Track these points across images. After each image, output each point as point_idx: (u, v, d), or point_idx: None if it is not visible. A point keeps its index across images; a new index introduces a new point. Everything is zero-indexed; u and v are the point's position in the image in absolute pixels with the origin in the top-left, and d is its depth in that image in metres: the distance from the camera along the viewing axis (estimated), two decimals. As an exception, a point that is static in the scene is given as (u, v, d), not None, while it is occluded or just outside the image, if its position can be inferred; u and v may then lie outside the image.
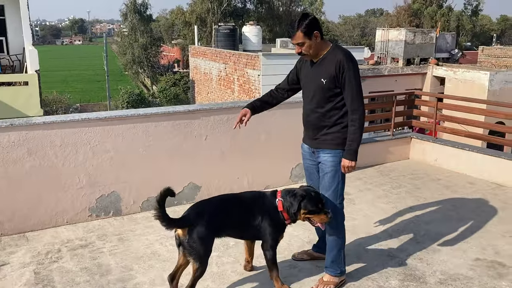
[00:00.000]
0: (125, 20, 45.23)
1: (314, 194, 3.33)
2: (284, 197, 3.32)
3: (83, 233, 4.50)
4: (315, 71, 3.42)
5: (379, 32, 23.29)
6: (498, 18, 74.58)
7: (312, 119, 3.51)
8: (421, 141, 6.94)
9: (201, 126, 5.16)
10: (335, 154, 3.44)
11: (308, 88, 3.53)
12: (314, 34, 3.27)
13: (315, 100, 3.45)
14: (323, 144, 3.48)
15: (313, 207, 3.27)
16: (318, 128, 3.48)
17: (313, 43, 3.30)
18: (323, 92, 3.38)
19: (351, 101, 3.33)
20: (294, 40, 3.33)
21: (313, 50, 3.34)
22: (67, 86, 50.97)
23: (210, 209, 3.21)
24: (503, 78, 18.99)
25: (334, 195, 3.48)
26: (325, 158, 3.47)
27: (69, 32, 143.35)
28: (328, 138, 3.45)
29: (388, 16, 58.95)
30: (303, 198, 3.26)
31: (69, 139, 4.51)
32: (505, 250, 4.26)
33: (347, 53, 3.35)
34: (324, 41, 3.38)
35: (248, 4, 45.16)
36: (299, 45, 3.32)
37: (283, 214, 3.31)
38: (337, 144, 3.42)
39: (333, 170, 3.45)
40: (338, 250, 3.56)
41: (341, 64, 3.28)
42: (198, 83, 20.95)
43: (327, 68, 3.33)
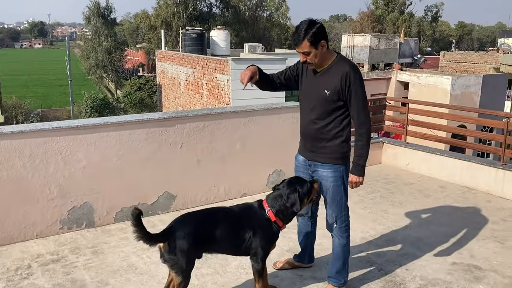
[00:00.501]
0: (88, 23, 44.27)
1: (294, 180, 3.27)
2: (273, 204, 3.20)
3: (55, 247, 4.31)
4: (318, 82, 3.29)
5: (344, 37, 23.73)
6: (456, 25, 77.31)
7: (311, 130, 3.37)
8: (393, 145, 7.04)
9: (177, 133, 5.06)
10: (335, 169, 3.34)
11: (309, 98, 3.38)
12: (320, 44, 3.14)
13: (316, 111, 3.31)
14: (320, 157, 3.37)
15: (307, 189, 3.21)
16: (316, 140, 3.36)
17: (319, 53, 3.16)
18: (325, 104, 3.25)
19: (358, 115, 3.23)
20: (299, 48, 3.17)
21: (318, 60, 3.20)
22: (27, 90, 49.39)
23: (193, 221, 3.09)
24: (464, 83, 19.65)
25: (338, 209, 3.42)
26: (325, 173, 3.37)
27: (28, 35, 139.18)
28: (327, 152, 3.34)
29: (351, 22, 60.12)
30: (296, 191, 3.16)
31: (39, 149, 4.32)
32: (480, 253, 4.35)
33: (353, 65, 3.25)
34: (330, 51, 3.25)
35: (214, 9, 45.09)
36: (304, 54, 3.18)
37: (277, 222, 3.21)
38: (336, 159, 3.33)
39: (335, 186, 3.36)
40: (343, 261, 3.54)
41: (348, 77, 3.16)
42: (166, 87, 20.69)
43: (332, 80, 3.21)
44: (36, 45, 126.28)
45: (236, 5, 45.70)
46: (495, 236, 4.71)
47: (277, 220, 3.20)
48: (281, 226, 3.25)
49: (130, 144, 4.78)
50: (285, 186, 3.23)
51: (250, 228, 3.14)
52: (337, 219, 3.45)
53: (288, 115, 5.71)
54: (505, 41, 29.17)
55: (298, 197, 3.16)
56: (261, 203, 3.26)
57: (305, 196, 3.21)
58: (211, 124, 5.26)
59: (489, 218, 5.17)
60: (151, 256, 4.17)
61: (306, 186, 3.22)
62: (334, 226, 3.48)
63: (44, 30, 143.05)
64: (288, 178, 3.33)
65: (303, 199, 3.21)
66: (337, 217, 3.45)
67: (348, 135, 3.37)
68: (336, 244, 3.54)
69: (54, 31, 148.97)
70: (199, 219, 3.12)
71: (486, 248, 4.46)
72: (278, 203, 3.20)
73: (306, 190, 3.21)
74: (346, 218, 3.49)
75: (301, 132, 3.51)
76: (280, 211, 3.19)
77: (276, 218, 3.19)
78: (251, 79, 3.32)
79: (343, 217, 3.46)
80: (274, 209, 3.19)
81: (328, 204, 3.44)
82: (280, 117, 5.71)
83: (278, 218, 3.20)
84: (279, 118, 5.71)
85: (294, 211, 3.21)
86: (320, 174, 3.40)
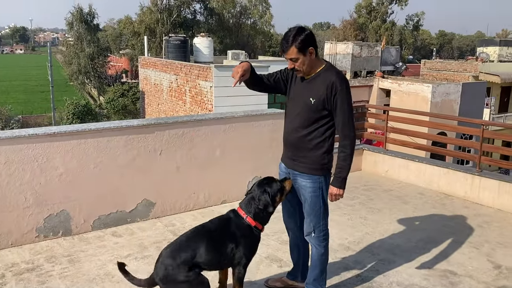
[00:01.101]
0: (71, 29, 43.83)
1: (264, 181, 3.24)
2: (249, 210, 3.17)
3: (30, 256, 4.24)
4: (304, 89, 3.24)
5: (327, 45, 23.95)
6: (437, 33, 78.65)
7: (293, 138, 3.32)
8: (373, 152, 7.12)
9: (156, 140, 5.04)
10: (314, 180, 3.29)
11: (293, 105, 3.33)
12: (308, 50, 3.10)
13: (299, 119, 3.26)
14: (300, 167, 3.32)
15: (277, 188, 3.19)
16: (297, 149, 3.31)
17: (307, 60, 3.12)
18: (309, 112, 3.20)
19: (343, 126, 3.17)
20: (287, 55, 3.11)
21: (306, 67, 3.16)
22: (8, 96, 48.66)
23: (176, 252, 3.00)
24: (444, 90, 19.97)
25: (316, 219, 3.37)
26: (304, 183, 3.32)
27: (9, 40, 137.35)
28: (307, 162, 3.28)
29: (334, 30, 60.71)
30: (266, 192, 3.14)
31: (14, 156, 4.25)
32: (455, 259, 4.41)
33: (340, 74, 3.19)
34: (319, 59, 3.21)
35: (199, 16, 45.12)
36: (292, 61, 3.13)
37: (257, 226, 3.19)
38: (315, 169, 3.27)
39: (313, 196, 3.32)
40: (320, 269, 3.50)
41: (334, 86, 3.11)
42: (148, 94, 20.59)
43: (318, 88, 3.16)
44: (18, 50, 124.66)
45: (220, 12, 45.84)
46: (470, 242, 4.78)
47: (256, 224, 3.18)
48: (261, 229, 3.24)
49: (108, 151, 4.74)
50: (256, 189, 3.21)
51: (232, 241, 3.10)
52: (315, 228, 3.40)
53: (268, 122, 5.73)
54: (484, 50, 29.77)
55: (269, 197, 3.14)
56: (236, 212, 3.23)
57: (276, 196, 3.19)
58: (191, 131, 5.25)
59: (466, 224, 5.26)
60: (128, 264, 4.10)
61: (276, 185, 3.20)
62: (312, 235, 3.43)
63: (26, 36, 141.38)
64: (258, 180, 3.31)
65: (275, 199, 3.18)
66: (315, 227, 3.40)
67: (331, 146, 3.30)
68: (313, 253, 3.50)
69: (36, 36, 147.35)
70: (181, 249, 3.03)
71: (462, 253, 4.52)
72: (252, 206, 3.17)
73: (276, 189, 3.19)
74: (324, 228, 3.45)
75: (284, 139, 3.45)
76: (256, 214, 3.17)
77: (255, 222, 3.17)
78: (242, 77, 3.21)
79: (321, 226, 3.41)
80: (251, 214, 3.17)
81: (306, 213, 3.41)
82: (260, 124, 5.73)
83: (257, 222, 3.18)
84: (259, 125, 5.73)
85: (268, 212, 3.19)
86: (299, 184, 3.36)
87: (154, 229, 4.91)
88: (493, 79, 24.87)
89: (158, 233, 4.80)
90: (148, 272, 3.97)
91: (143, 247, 4.48)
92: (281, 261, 4.24)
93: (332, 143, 3.32)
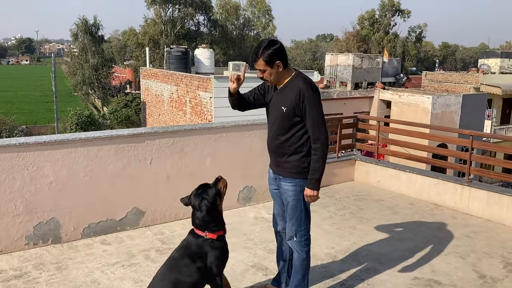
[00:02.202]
0: (76, 40, 44.26)
1: (200, 190, 3.22)
2: (202, 225, 3.15)
3: (19, 263, 4.30)
4: (277, 98, 3.41)
5: (328, 56, 24.05)
6: (440, 45, 78.78)
7: (273, 146, 3.49)
8: (365, 163, 7.15)
9: (146, 149, 5.11)
10: (296, 183, 3.41)
11: (270, 114, 3.50)
12: (276, 64, 3.26)
13: (275, 127, 3.43)
14: (283, 171, 3.47)
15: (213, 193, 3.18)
16: (278, 155, 3.47)
17: (274, 72, 3.29)
18: (283, 120, 3.36)
19: (313, 130, 3.31)
20: (256, 65, 3.31)
21: (273, 78, 3.32)
22: (12, 107, 49.10)
23: None
24: (444, 102, 19.98)
25: (298, 223, 3.47)
26: (286, 187, 3.46)
27: (15, 51, 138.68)
28: (288, 166, 3.43)
29: (337, 41, 60.95)
30: (204, 198, 3.13)
31: (5, 164, 4.33)
32: (441, 268, 4.43)
33: (308, 81, 3.33)
34: (288, 69, 3.36)
35: (202, 27, 45.47)
36: (260, 71, 3.32)
37: (219, 235, 3.19)
38: (296, 173, 3.40)
39: (294, 199, 3.44)
40: (302, 275, 3.55)
41: (301, 93, 3.25)
42: (150, 105, 20.73)
43: (288, 96, 3.32)
44: (23, 61, 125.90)
45: (224, 24, 46.18)
46: (457, 252, 4.80)
47: (217, 234, 3.17)
48: (223, 234, 3.24)
49: (98, 160, 4.81)
50: (193, 200, 3.19)
51: (202, 260, 3.10)
52: (296, 232, 3.49)
53: (259, 132, 5.80)
54: (485, 62, 29.81)
55: (209, 203, 3.12)
56: (194, 233, 3.20)
57: (216, 200, 3.17)
58: (181, 140, 5.32)
59: (453, 234, 5.27)
60: (115, 272, 4.18)
61: (211, 190, 3.19)
62: (294, 239, 3.51)
63: (31, 47, 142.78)
64: (192, 191, 3.27)
65: (215, 203, 3.17)
66: (296, 231, 3.48)
67: (309, 150, 3.41)
68: (295, 257, 3.56)
69: (42, 47, 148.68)
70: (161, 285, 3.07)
71: (448, 263, 4.54)
72: (202, 221, 3.14)
73: (213, 194, 3.17)
74: (306, 233, 3.52)
75: (267, 147, 3.61)
76: (210, 224, 3.15)
77: (215, 234, 3.16)
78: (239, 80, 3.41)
79: (302, 231, 3.49)
80: (208, 228, 3.15)
81: (288, 217, 3.51)
82: (251, 134, 5.80)
83: (217, 231, 3.17)
84: (250, 134, 5.80)
85: (215, 215, 3.17)
86: (283, 187, 3.50)
87: (143, 237, 4.96)
88: (494, 90, 24.90)
89: (147, 242, 4.85)
90: (133, 279, 4.04)
91: (131, 255, 4.52)
92: (267, 270, 4.28)
93: (310, 147, 3.41)
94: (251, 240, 4.93)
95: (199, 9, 43.68)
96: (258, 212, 5.78)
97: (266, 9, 48.03)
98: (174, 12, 42.57)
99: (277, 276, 3.88)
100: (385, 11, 51.28)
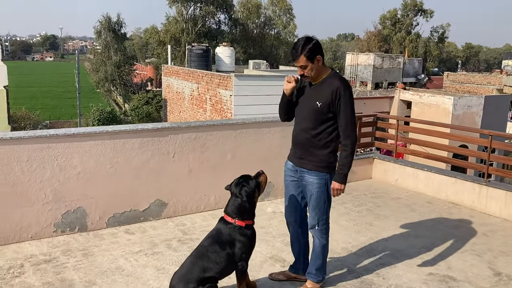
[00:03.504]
0: (99, 37, 45.02)
1: (242, 179, 3.40)
2: (234, 212, 3.34)
3: (48, 249, 4.51)
4: (312, 93, 3.56)
5: (348, 56, 23.99)
6: (463, 46, 77.60)
7: (302, 138, 3.63)
8: (383, 161, 7.21)
9: (169, 143, 5.28)
10: (321, 177, 3.60)
11: (302, 108, 3.64)
12: (316, 58, 3.43)
13: (307, 120, 3.58)
14: (308, 164, 3.62)
15: (254, 184, 3.37)
16: (305, 148, 3.62)
17: (315, 66, 3.46)
18: (316, 114, 3.52)
19: (345, 127, 3.49)
20: (297, 63, 3.46)
21: (314, 73, 3.49)
22: (37, 102, 50.14)
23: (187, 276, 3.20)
24: (465, 103, 19.76)
25: (320, 213, 3.68)
26: (311, 180, 3.62)
27: (40, 48, 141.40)
28: (314, 160, 3.59)
29: (358, 41, 60.54)
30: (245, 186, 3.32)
31: (36, 155, 4.55)
32: (456, 265, 4.49)
33: (344, 80, 3.53)
34: (325, 66, 3.54)
35: (223, 26, 45.73)
36: (302, 68, 3.47)
37: (248, 223, 3.36)
38: (322, 167, 3.58)
39: (319, 192, 3.62)
40: (322, 260, 3.79)
41: (338, 91, 3.43)
42: (171, 102, 21.02)
43: (324, 92, 3.48)
44: (48, 58, 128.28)
45: (245, 22, 46.34)
46: (473, 250, 4.85)
47: (246, 222, 3.37)
48: (251, 224, 3.41)
49: (124, 152, 5.00)
50: (234, 188, 3.39)
51: (230, 247, 3.28)
52: (318, 221, 3.70)
53: (278, 129, 5.92)
54: (509, 63, 29.34)
55: (248, 192, 3.32)
56: (224, 220, 3.38)
57: (254, 191, 3.37)
58: (203, 135, 5.48)
59: (470, 233, 5.31)
60: (138, 260, 4.36)
61: (252, 182, 3.39)
62: (316, 228, 3.73)
63: (55, 44, 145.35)
64: (234, 181, 3.47)
65: (254, 194, 3.36)
66: (319, 220, 3.70)
67: (336, 146, 3.63)
68: (316, 244, 3.78)
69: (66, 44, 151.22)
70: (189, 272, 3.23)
71: (464, 260, 4.60)
72: (237, 207, 3.34)
73: (253, 185, 3.38)
74: (326, 222, 3.76)
75: (293, 139, 3.77)
76: (242, 213, 3.35)
77: (245, 222, 3.35)
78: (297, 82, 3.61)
79: (324, 220, 3.72)
80: (239, 215, 3.34)
81: (312, 207, 3.70)
82: (270, 131, 5.92)
83: (246, 219, 3.36)
84: (269, 131, 5.92)
85: (252, 204, 3.36)
86: (306, 180, 3.66)
87: (165, 228, 5.13)
88: (518, 92, 24.50)
89: (169, 232, 5.02)
90: (156, 267, 4.21)
91: (153, 244, 4.70)
92: (284, 262, 4.40)
93: (337, 144, 3.63)
94: (269, 233, 5.06)
95: (220, 8, 43.97)
96: (276, 206, 5.90)
97: (287, 7, 48.05)
98: (195, 10, 42.94)
99: (294, 263, 4.06)
100: (407, 11, 50.74)
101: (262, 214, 5.59)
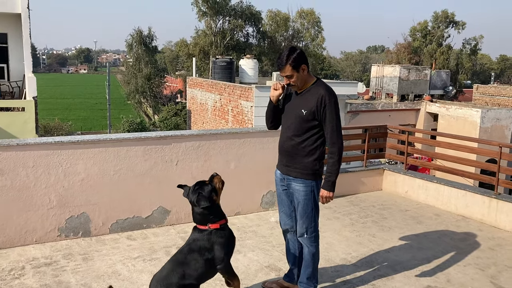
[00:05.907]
0: (130, 50, 46.18)
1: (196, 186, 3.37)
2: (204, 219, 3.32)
3: (50, 252, 4.65)
4: (297, 101, 3.62)
5: (374, 68, 23.78)
6: (498, 58, 75.67)
7: (287, 146, 3.68)
8: (393, 172, 7.10)
9: (173, 151, 5.37)
10: (307, 184, 3.63)
11: (288, 116, 3.70)
12: (301, 67, 3.50)
13: (292, 128, 3.62)
14: (294, 172, 3.66)
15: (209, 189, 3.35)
16: (291, 156, 3.66)
17: (300, 76, 3.52)
18: (301, 123, 3.57)
19: (331, 135, 3.53)
20: (283, 72, 3.52)
21: (300, 82, 3.55)
22: (70, 113, 51.66)
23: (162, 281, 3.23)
24: (494, 116, 19.25)
25: (308, 221, 3.69)
26: (297, 187, 3.66)
27: (75, 61, 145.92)
28: (300, 167, 3.63)
29: (388, 53, 59.85)
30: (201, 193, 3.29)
31: (41, 161, 4.72)
32: (456, 278, 4.37)
33: (328, 88, 3.58)
34: (310, 75, 3.60)
35: (251, 39, 46.14)
36: (287, 77, 3.53)
37: (222, 224, 3.35)
38: (308, 174, 3.62)
39: (305, 199, 3.65)
40: (313, 268, 3.78)
41: (323, 99, 3.48)
42: (195, 113, 21.31)
43: (309, 101, 3.54)
44: (82, 70, 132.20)
45: (273, 35, 46.66)
46: (477, 263, 4.71)
47: (219, 223, 3.33)
48: (225, 222, 3.39)
49: (127, 159, 5.12)
50: (191, 196, 3.35)
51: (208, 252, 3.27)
52: (307, 229, 3.70)
53: (283, 138, 5.92)
54: (543, 75, 28.39)
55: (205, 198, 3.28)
56: (198, 228, 3.37)
57: (211, 195, 3.34)
58: (207, 143, 5.55)
59: (476, 246, 5.17)
60: (135, 265, 4.44)
61: (207, 187, 3.37)
62: (305, 236, 3.73)
63: (90, 56, 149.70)
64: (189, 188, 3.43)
65: (212, 197, 3.33)
66: (307, 228, 3.70)
67: (322, 154, 3.65)
68: (306, 252, 3.77)
69: (99, 57, 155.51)
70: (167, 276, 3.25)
71: (465, 274, 4.48)
72: (202, 216, 3.31)
73: (209, 190, 3.34)
74: (315, 230, 3.75)
75: (279, 147, 3.82)
76: (209, 217, 3.31)
77: (218, 223, 3.33)
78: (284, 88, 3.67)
79: (312, 228, 3.71)
80: (209, 221, 3.31)
81: (299, 215, 3.71)
82: (275, 140, 5.88)
83: (218, 221, 3.33)
84: (274, 140, 5.92)
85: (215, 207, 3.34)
86: (293, 188, 3.69)
87: (167, 235, 5.20)
88: (551, 105, 23.69)
89: (170, 239, 5.09)
90: (152, 273, 4.27)
91: (153, 250, 4.77)
92: (280, 271, 4.39)
93: (323, 151, 3.66)
94: (269, 243, 5.06)
95: (249, 21, 44.44)
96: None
97: (315, 20, 48.16)
98: (224, 23, 43.55)
99: (288, 272, 4.04)
100: (438, 23, 50.00)
101: (265, 224, 5.59)
